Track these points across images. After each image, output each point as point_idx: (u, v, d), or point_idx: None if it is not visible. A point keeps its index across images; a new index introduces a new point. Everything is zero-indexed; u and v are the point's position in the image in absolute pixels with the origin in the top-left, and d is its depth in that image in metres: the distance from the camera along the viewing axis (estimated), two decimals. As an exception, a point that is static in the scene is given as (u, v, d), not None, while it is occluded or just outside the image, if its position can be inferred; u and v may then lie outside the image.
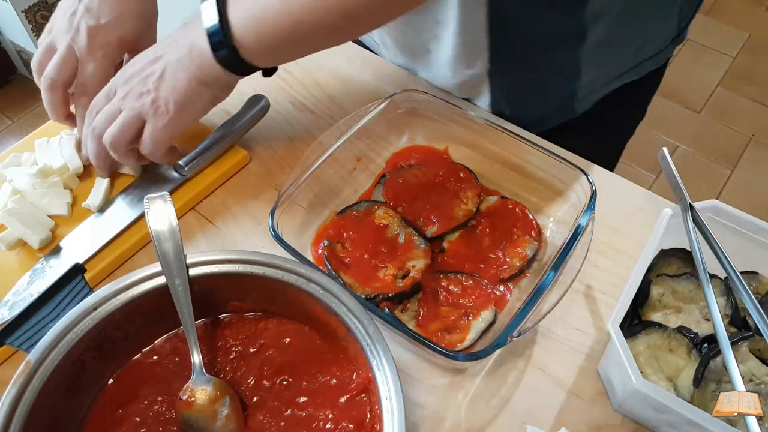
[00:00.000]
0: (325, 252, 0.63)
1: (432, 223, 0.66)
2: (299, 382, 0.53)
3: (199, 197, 0.71)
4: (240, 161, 0.74)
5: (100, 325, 0.50)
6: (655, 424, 0.54)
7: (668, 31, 0.82)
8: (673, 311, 0.59)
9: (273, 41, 0.58)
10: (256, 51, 0.59)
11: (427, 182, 0.69)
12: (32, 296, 0.62)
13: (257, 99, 0.76)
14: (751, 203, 2.01)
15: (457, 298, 0.61)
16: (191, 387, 0.51)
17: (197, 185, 0.71)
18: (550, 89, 0.79)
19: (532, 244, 0.65)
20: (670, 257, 0.62)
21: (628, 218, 0.69)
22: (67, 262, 0.64)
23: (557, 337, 0.61)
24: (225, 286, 0.54)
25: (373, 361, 0.47)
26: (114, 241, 0.66)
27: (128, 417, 0.51)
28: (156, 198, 0.54)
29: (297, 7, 0.56)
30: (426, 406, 0.57)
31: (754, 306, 0.53)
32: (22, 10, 1.93)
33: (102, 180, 0.70)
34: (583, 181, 0.64)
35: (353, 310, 0.50)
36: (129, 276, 0.52)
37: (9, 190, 0.68)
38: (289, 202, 0.65)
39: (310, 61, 0.85)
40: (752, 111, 2.29)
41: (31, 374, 0.46)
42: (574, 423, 0.55)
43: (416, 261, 0.63)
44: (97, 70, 0.68)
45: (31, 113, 2.22)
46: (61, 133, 0.74)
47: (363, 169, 0.73)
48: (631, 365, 0.49)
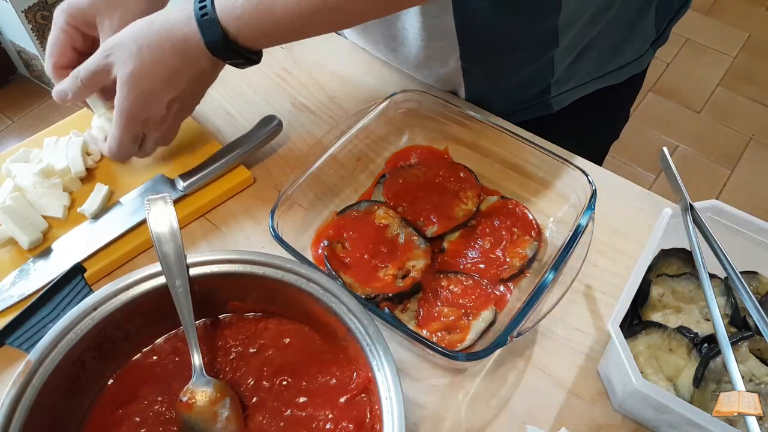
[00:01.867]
0: (325, 252, 0.63)
1: (432, 223, 0.66)
2: (299, 382, 0.53)
3: (194, 215, 0.70)
4: (242, 182, 0.72)
5: (100, 325, 0.50)
6: (655, 424, 0.54)
7: (646, 34, 0.82)
8: (673, 311, 0.59)
9: (267, 29, 0.59)
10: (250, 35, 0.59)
11: (427, 182, 0.69)
12: (12, 297, 0.62)
13: (270, 120, 0.74)
14: (751, 203, 2.01)
15: (457, 298, 0.61)
16: (191, 388, 0.51)
17: (195, 202, 0.70)
18: (525, 84, 0.79)
19: (532, 244, 0.65)
20: (670, 257, 0.62)
21: (628, 218, 0.69)
22: (55, 265, 0.64)
23: (557, 337, 0.61)
24: (225, 286, 0.54)
25: (373, 361, 0.47)
26: (107, 247, 0.66)
27: (128, 417, 0.51)
28: (157, 199, 0.54)
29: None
30: (426, 406, 0.57)
31: (754, 306, 0.53)
32: (22, 10, 1.93)
33: (102, 186, 0.70)
34: (583, 181, 0.64)
35: (353, 310, 0.50)
36: (129, 276, 0.52)
37: (10, 186, 0.68)
38: (289, 202, 0.65)
39: (310, 61, 0.85)
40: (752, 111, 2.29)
41: (31, 374, 0.46)
42: (574, 423, 0.55)
43: (416, 261, 0.63)
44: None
45: (31, 113, 2.22)
46: (70, 134, 0.74)
47: (363, 169, 0.73)
48: (631, 365, 0.49)
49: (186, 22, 0.59)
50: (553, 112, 0.82)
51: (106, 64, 0.62)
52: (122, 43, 0.61)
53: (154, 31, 0.60)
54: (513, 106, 0.81)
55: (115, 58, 0.61)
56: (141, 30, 0.60)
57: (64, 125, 0.77)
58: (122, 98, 0.62)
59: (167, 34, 0.59)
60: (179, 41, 0.59)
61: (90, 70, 0.63)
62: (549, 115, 0.82)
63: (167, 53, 0.60)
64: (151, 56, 0.60)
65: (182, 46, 0.60)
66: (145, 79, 0.61)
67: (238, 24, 0.58)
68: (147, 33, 0.60)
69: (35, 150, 0.73)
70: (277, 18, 0.58)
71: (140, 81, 0.61)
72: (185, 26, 0.59)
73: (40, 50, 2.05)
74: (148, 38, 0.60)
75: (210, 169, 0.70)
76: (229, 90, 0.83)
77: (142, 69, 0.60)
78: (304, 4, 0.56)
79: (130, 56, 0.60)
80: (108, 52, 0.61)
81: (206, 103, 0.81)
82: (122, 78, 0.61)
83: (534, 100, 0.81)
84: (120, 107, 0.62)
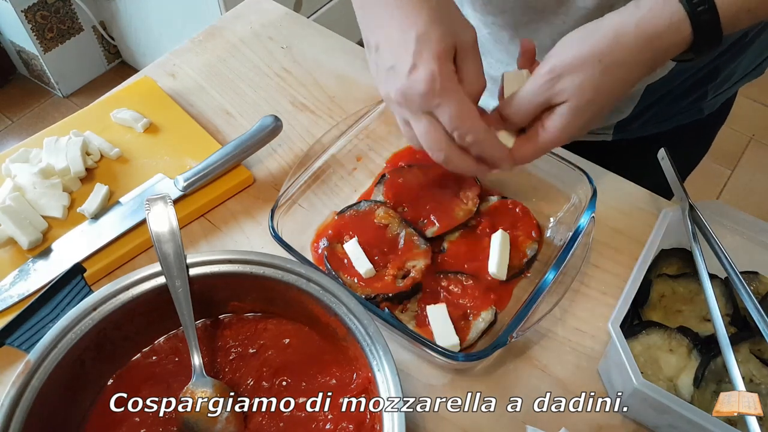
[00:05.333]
0: (325, 252, 0.63)
1: (432, 223, 0.66)
2: (299, 382, 0.53)
3: (194, 215, 0.70)
4: (242, 182, 0.72)
5: (99, 325, 0.50)
6: (655, 424, 0.54)
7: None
8: (673, 311, 0.59)
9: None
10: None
11: (427, 182, 0.69)
12: (12, 297, 0.62)
13: (270, 120, 0.74)
14: (751, 203, 2.01)
15: (457, 298, 0.61)
16: (191, 389, 0.51)
17: (195, 202, 0.70)
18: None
19: (532, 244, 0.64)
20: (670, 257, 0.62)
21: (628, 218, 0.68)
22: (55, 265, 0.64)
23: (557, 337, 0.61)
24: (225, 286, 0.54)
25: (373, 361, 0.47)
26: (107, 247, 0.66)
27: (128, 417, 0.51)
28: (157, 199, 0.54)
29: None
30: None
31: (754, 306, 0.53)
32: (22, 10, 1.93)
33: (101, 186, 0.70)
34: (584, 181, 0.64)
35: (353, 310, 0.50)
36: (129, 276, 0.52)
37: (10, 186, 0.68)
38: (289, 202, 0.65)
39: (310, 60, 0.85)
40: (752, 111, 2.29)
41: (31, 374, 0.46)
42: (574, 423, 0.55)
43: (416, 261, 0.62)
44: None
45: (30, 113, 2.22)
46: (70, 134, 0.74)
47: (363, 169, 0.73)
48: (631, 365, 0.49)
49: (675, 29, 0.48)
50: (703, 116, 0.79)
51: (552, 94, 0.51)
52: (575, 66, 0.50)
53: (626, 46, 0.49)
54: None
55: (565, 84, 0.50)
56: (603, 47, 0.49)
57: (64, 125, 0.77)
58: (568, 127, 0.52)
59: (648, 46, 0.49)
60: (660, 52, 0.49)
61: (534, 103, 0.52)
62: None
63: (639, 70, 0.50)
64: (619, 77, 0.50)
65: (662, 57, 0.50)
66: (600, 103, 0.51)
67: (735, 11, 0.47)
68: (613, 50, 0.49)
69: (35, 150, 0.73)
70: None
71: (594, 106, 0.51)
72: (675, 35, 0.48)
73: (40, 50, 2.05)
74: (618, 57, 0.49)
75: (210, 169, 0.70)
76: (229, 90, 0.83)
77: (604, 93, 0.50)
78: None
79: (590, 81, 0.49)
80: (555, 79, 0.50)
81: (206, 103, 0.82)
82: (576, 107, 0.50)
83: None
84: (560, 137, 0.52)
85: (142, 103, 0.79)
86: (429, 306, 0.59)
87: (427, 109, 0.52)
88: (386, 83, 0.54)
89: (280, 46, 0.87)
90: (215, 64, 0.86)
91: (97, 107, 0.80)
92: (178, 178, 0.70)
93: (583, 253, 0.59)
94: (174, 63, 0.86)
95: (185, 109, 0.79)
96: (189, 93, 0.83)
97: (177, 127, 0.77)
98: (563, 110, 0.51)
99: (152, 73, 0.85)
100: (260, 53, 0.87)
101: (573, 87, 0.50)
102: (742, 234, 0.60)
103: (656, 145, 0.68)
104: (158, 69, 0.86)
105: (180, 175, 0.70)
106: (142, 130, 0.77)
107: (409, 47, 0.51)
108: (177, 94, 0.82)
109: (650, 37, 0.48)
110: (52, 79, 2.17)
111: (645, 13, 0.48)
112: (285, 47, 0.87)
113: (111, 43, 2.24)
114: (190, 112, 0.80)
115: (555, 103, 0.51)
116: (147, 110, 0.78)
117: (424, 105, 0.52)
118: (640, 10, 0.49)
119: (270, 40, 0.88)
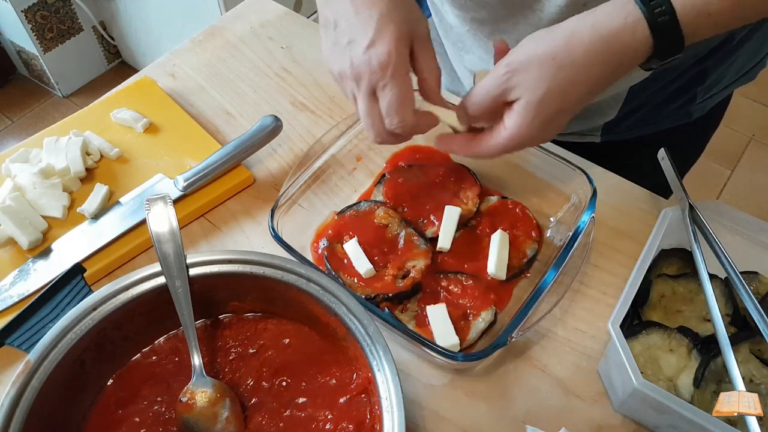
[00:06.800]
0: (325, 252, 0.63)
1: (432, 223, 0.66)
2: (299, 382, 0.53)
3: (194, 215, 0.70)
4: (242, 182, 0.72)
5: (99, 326, 0.50)
6: (655, 424, 0.54)
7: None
8: (673, 311, 0.59)
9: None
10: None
11: (427, 182, 0.69)
12: (12, 297, 0.62)
13: (270, 120, 0.74)
14: (751, 203, 2.01)
15: (457, 298, 0.61)
16: (191, 389, 0.51)
17: (195, 202, 0.70)
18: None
19: (532, 244, 0.64)
20: (670, 257, 0.62)
21: (628, 218, 0.68)
22: (55, 265, 0.64)
23: (557, 337, 0.61)
24: (225, 286, 0.54)
25: (373, 361, 0.47)
26: (107, 247, 0.66)
27: (128, 417, 0.51)
28: (157, 199, 0.54)
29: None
30: (426, 406, 0.57)
31: (754, 306, 0.53)
32: (22, 10, 1.93)
33: (101, 186, 0.70)
34: (584, 181, 0.64)
35: (353, 310, 0.50)
36: (129, 276, 0.52)
37: (10, 186, 0.68)
38: (289, 202, 0.65)
39: (310, 60, 0.85)
40: (752, 111, 2.29)
41: (31, 374, 0.46)
42: (574, 423, 0.55)
43: (416, 261, 0.62)
44: None
45: (30, 113, 2.22)
46: (70, 134, 0.74)
47: (363, 169, 0.73)
48: (631, 365, 0.49)
49: (631, 30, 0.48)
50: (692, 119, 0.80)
51: (506, 89, 0.52)
52: (530, 63, 0.51)
53: (580, 46, 0.50)
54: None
55: (519, 80, 0.51)
56: (558, 46, 0.50)
57: (64, 125, 0.77)
58: (524, 125, 0.52)
59: (603, 47, 0.49)
60: (616, 55, 0.50)
61: (489, 96, 0.54)
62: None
63: (594, 71, 0.50)
64: (572, 77, 0.50)
65: (617, 60, 0.50)
66: (555, 102, 0.52)
67: (698, 22, 0.48)
68: (567, 49, 0.50)
69: (35, 150, 0.73)
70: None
71: (550, 104, 0.52)
72: (630, 36, 0.48)
73: (40, 50, 2.05)
74: (571, 56, 0.50)
75: (210, 169, 0.70)
76: (229, 90, 0.83)
77: (557, 91, 0.51)
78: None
79: (543, 78, 0.50)
80: (510, 74, 0.52)
81: (206, 103, 0.82)
82: (529, 103, 0.51)
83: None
84: (518, 134, 0.53)
85: (142, 103, 0.79)
86: (429, 306, 0.59)
87: (372, 89, 0.54)
88: (342, 57, 0.55)
89: (280, 46, 0.87)
90: (215, 64, 0.86)
91: (97, 107, 0.80)
92: (178, 178, 0.70)
93: (583, 253, 0.59)
94: (174, 63, 0.86)
95: (185, 109, 0.80)
96: (189, 93, 0.83)
97: (177, 127, 0.77)
98: (519, 106, 0.52)
99: (152, 73, 0.85)
100: (260, 53, 0.87)
101: (526, 83, 0.51)
102: (742, 234, 0.60)
103: (647, 148, 0.69)
104: (158, 69, 0.86)
105: (180, 175, 0.70)
106: (142, 130, 0.77)
107: (370, 24, 0.53)
108: (177, 94, 0.82)
109: (605, 38, 0.49)
110: (52, 79, 2.17)
111: (600, 15, 0.50)
112: (285, 47, 0.87)
113: (111, 43, 2.24)
114: (190, 112, 0.80)
115: (511, 99, 0.53)
116: (147, 110, 0.78)
117: (372, 81, 0.54)
118: (597, 12, 0.50)
119: (270, 40, 0.88)
